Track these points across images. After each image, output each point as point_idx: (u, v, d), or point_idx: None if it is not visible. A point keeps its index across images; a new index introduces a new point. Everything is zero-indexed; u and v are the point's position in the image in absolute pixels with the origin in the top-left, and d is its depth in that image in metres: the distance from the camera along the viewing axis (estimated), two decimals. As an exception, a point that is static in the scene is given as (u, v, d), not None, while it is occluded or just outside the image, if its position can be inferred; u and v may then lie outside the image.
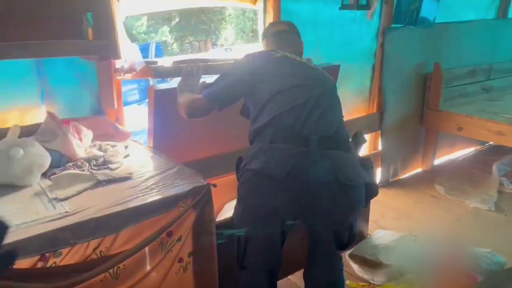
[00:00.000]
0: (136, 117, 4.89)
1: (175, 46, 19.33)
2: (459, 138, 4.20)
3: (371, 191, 1.72)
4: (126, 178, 1.74)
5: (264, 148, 1.60)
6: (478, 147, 4.65)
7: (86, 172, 1.75)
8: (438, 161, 4.27)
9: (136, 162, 1.95)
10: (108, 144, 2.07)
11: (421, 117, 3.93)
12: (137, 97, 8.35)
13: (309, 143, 1.56)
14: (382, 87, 3.57)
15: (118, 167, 1.88)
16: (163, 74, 2.03)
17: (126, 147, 2.09)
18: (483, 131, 3.48)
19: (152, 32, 18.00)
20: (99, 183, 1.68)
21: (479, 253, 2.49)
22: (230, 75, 1.79)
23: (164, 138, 2.20)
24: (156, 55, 11.63)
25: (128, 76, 2.15)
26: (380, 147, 3.76)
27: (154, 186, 1.68)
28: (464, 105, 3.89)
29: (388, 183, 3.81)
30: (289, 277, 2.42)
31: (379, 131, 3.71)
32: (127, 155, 2.03)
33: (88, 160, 1.90)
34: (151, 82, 6.14)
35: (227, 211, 2.67)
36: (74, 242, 1.37)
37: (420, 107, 3.91)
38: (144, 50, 11.16)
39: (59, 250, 1.82)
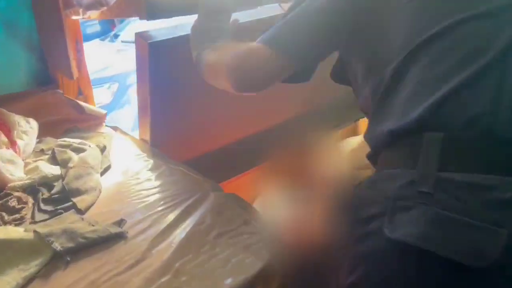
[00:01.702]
0: (100, 58, 3.79)
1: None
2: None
3: None
4: (114, 236, 0.86)
5: (425, 185, 0.70)
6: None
7: (28, 234, 0.84)
8: None
9: (127, 182, 1.05)
10: (67, 145, 1.13)
11: None
12: (97, 28, 6.77)
13: None
14: None
15: (93, 201, 0.98)
16: (163, 9, 1.05)
17: (102, 148, 1.15)
18: None
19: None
20: (58, 259, 0.79)
21: None
22: (313, 3, 0.85)
23: (167, 126, 1.27)
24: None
25: (94, 13, 1.16)
26: None
27: (183, 264, 0.80)
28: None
29: None
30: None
31: None
32: (108, 167, 1.11)
33: (33, 190, 0.98)
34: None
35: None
36: None
37: None
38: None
39: None
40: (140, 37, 1.09)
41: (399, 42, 0.76)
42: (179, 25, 1.18)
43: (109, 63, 3.77)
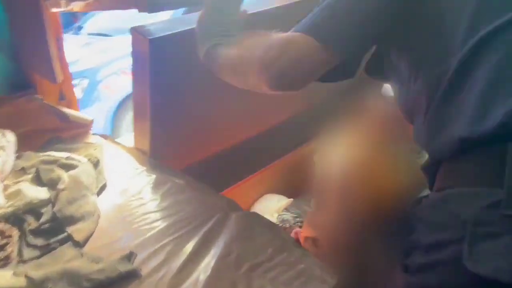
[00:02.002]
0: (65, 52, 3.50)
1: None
2: None
3: None
4: (125, 276, 0.71)
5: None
6: None
7: (18, 280, 0.68)
8: None
9: (128, 204, 0.90)
10: (53, 161, 0.96)
11: None
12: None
13: None
14: None
15: (92, 230, 0.82)
16: (166, 1, 0.88)
17: (95, 163, 0.99)
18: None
19: None
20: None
21: None
22: None
23: (169, 133, 1.11)
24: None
25: (78, 5, 0.98)
26: None
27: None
28: None
29: None
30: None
31: None
32: (103, 186, 0.95)
33: (17, 219, 0.81)
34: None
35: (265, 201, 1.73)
36: None
37: None
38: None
39: None
40: (138, 32, 0.93)
41: (464, 29, 0.64)
42: (174, 19, 1.02)
43: (76, 57, 3.52)
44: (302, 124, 1.59)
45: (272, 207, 1.66)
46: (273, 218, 1.63)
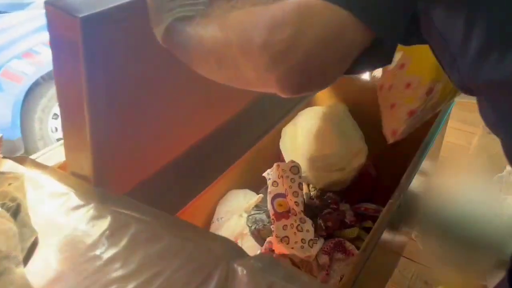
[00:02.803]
0: None
1: None
2: None
3: None
4: None
5: None
6: None
7: None
8: None
9: (80, 268, 0.60)
10: None
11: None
12: None
13: None
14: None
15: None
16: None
17: (15, 210, 0.66)
18: None
19: None
20: None
21: None
22: None
23: (115, 146, 0.80)
24: None
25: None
26: None
27: None
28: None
29: None
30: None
31: None
32: (33, 243, 0.63)
33: None
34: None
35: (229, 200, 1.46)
36: None
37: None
38: None
39: None
40: (59, 8, 0.60)
41: None
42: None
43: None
44: (268, 108, 1.34)
45: (239, 206, 1.42)
46: (243, 219, 1.39)
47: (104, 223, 0.67)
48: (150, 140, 0.90)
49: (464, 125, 2.35)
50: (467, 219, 1.53)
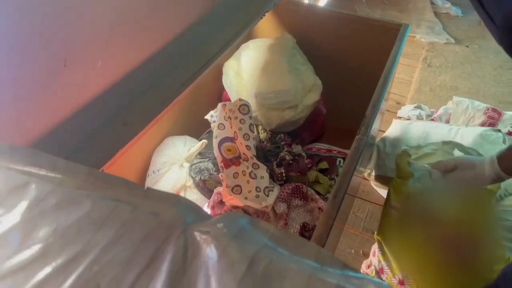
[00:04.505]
0: None
1: None
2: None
3: None
4: None
5: None
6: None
7: None
8: None
9: None
10: None
11: None
12: None
13: None
14: None
15: None
16: None
17: None
18: None
19: None
20: None
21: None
22: None
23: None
24: None
25: None
26: None
27: None
28: None
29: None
30: None
31: None
32: None
33: None
34: None
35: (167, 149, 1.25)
36: None
37: None
38: None
39: None
40: None
41: None
42: None
43: None
44: (205, 38, 1.12)
45: (178, 155, 1.23)
46: (184, 169, 1.20)
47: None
48: (62, 73, 0.66)
49: (404, 59, 2.28)
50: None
